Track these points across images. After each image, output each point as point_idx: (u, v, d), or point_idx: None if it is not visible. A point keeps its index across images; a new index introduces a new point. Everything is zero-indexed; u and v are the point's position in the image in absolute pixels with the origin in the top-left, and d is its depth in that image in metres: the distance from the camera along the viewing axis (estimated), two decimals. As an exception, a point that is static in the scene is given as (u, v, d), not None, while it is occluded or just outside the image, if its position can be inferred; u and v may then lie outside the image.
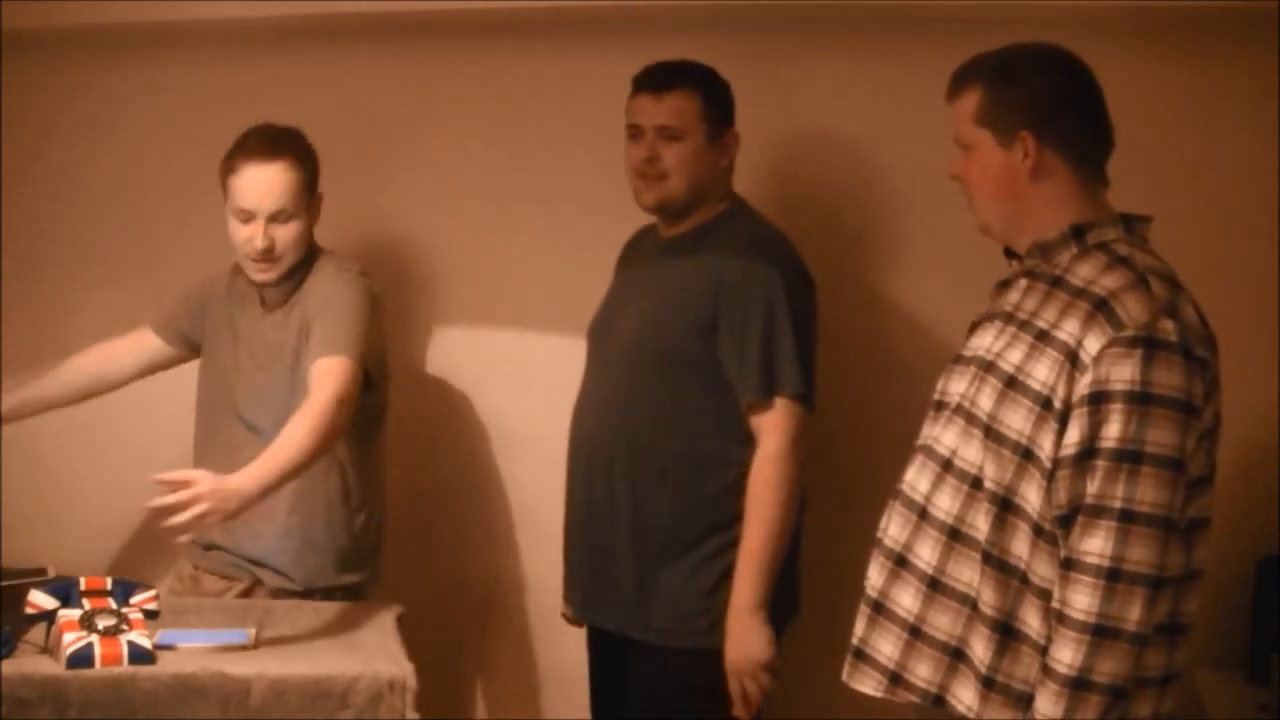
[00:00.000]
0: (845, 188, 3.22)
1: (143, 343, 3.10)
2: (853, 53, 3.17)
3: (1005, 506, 2.08)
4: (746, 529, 2.64)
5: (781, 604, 2.74)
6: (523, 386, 3.43)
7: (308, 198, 2.92)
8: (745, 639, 2.62)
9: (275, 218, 2.87)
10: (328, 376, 2.75)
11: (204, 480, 2.50)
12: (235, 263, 3.02)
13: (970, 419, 2.13)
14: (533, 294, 3.40)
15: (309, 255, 2.96)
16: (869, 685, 2.20)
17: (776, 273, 2.68)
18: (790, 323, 2.67)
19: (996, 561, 2.08)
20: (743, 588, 2.63)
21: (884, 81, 3.15)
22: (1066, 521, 2.01)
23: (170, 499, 2.47)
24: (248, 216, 2.87)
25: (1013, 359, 2.10)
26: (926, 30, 3.07)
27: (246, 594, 2.98)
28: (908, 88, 3.11)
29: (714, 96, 2.80)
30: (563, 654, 3.13)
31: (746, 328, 2.67)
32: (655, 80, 2.80)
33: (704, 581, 2.70)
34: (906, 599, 2.16)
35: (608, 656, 2.88)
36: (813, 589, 2.95)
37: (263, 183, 2.85)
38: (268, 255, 2.88)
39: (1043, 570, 2.05)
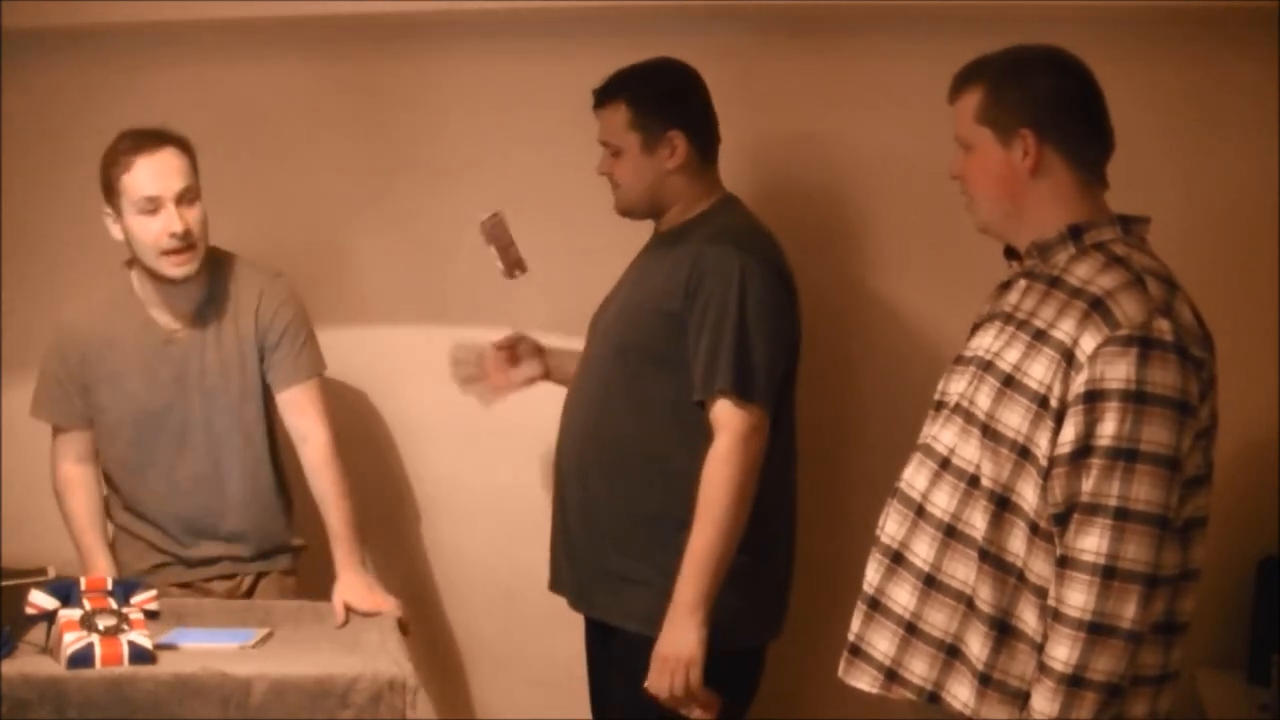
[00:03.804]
0: (830, 188, 3.22)
1: (71, 442, 3.03)
2: (834, 53, 3.17)
3: (1002, 504, 2.08)
4: (694, 526, 2.60)
5: (753, 620, 2.74)
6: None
7: (198, 181, 2.91)
8: (677, 635, 2.59)
9: (182, 198, 2.86)
10: (314, 408, 3.00)
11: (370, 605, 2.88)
12: (89, 310, 3.00)
13: (969, 418, 2.13)
14: (529, 294, 3.40)
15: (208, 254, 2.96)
16: (865, 682, 2.20)
17: (735, 265, 2.64)
18: (737, 318, 2.62)
19: (994, 559, 2.08)
20: (683, 584, 2.60)
21: (867, 81, 3.15)
22: (1062, 519, 2.02)
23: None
24: (154, 205, 2.84)
25: (1010, 358, 2.10)
26: (911, 30, 3.07)
27: (253, 586, 3.05)
28: (891, 87, 3.12)
29: (642, 104, 2.76)
30: (562, 652, 3.12)
31: (702, 323, 2.64)
32: (594, 98, 2.82)
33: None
34: (903, 596, 2.16)
35: (598, 644, 2.88)
36: (810, 587, 2.95)
37: (162, 166, 2.85)
38: (187, 239, 2.86)
39: (1039, 568, 2.05)
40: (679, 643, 2.59)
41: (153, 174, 2.84)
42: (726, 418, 2.62)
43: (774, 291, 2.69)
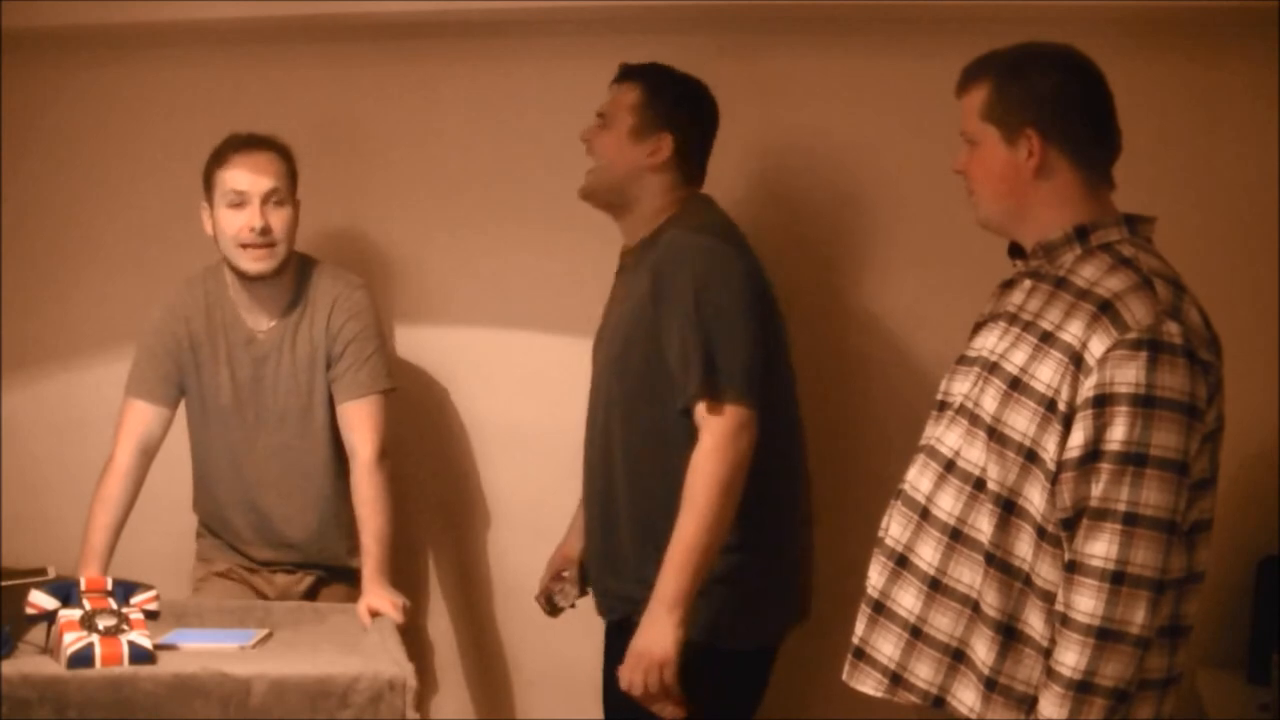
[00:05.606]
0: (832, 187, 3.22)
1: (150, 419, 3.04)
2: (839, 53, 3.17)
3: (1008, 508, 2.07)
4: (677, 522, 2.57)
5: (753, 618, 2.71)
6: (519, 386, 3.43)
7: (294, 189, 3.01)
8: (653, 632, 2.54)
9: (269, 198, 2.94)
10: (367, 424, 3.00)
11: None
12: (191, 299, 3.06)
13: (974, 420, 2.12)
14: (525, 294, 3.40)
15: (297, 260, 3.03)
16: (869, 685, 2.20)
17: (688, 258, 2.61)
18: (696, 319, 2.57)
19: (1000, 563, 2.08)
20: (663, 580, 2.55)
21: (871, 81, 3.16)
22: (1070, 524, 2.01)
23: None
24: (241, 200, 2.93)
25: (1017, 360, 2.10)
26: (913, 30, 3.07)
27: (312, 589, 3.12)
28: (895, 88, 3.12)
29: (654, 95, 2.79)
30: (564, 653, 3.12)
31: (670, 328, 2.61)
32: (618, 71, 2.86)
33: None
34: (907, 599, 2.16)
35: (617, 651, 2.88)
36: (814, 587, 2.95)
37: (255, 166, 2.95)
38: (265, 237, 2.93)
39: (1046, 572, 2.04)
40: (654, 640, 2.54)
41: (245, 171, 2.95)
42: (706, 422, 2.58)
43: (731, 279, 2.63)
